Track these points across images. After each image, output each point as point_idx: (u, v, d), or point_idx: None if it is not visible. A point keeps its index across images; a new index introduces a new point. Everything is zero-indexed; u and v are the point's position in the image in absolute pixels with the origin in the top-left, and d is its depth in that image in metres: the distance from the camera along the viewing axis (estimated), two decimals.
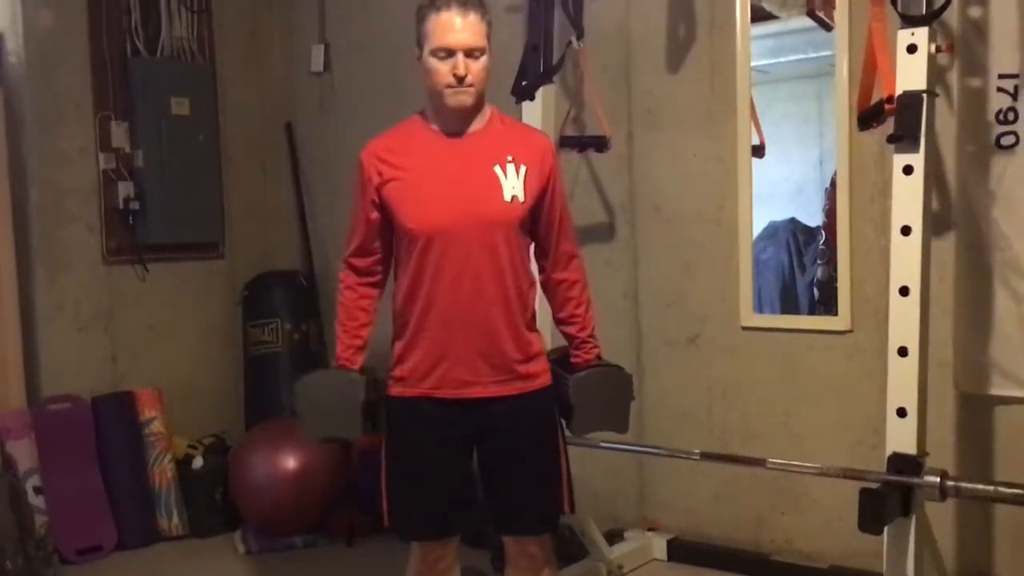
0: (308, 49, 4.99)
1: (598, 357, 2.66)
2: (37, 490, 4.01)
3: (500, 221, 2.42)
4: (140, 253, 4.59)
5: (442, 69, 2.38)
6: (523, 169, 2.45)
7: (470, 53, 2.37)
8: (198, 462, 4.47)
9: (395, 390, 2.52)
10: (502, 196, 2.42)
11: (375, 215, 2.50)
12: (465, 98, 2.40)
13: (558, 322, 2.66)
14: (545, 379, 2.54)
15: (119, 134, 4.50)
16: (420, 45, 2.42)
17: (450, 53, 2.36)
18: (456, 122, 2.46)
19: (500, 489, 2.54)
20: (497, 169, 2.43)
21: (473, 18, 2.37)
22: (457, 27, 2.36)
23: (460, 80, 2.37)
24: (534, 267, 2.60)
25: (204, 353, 4.86)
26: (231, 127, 4.96)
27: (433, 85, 2.41)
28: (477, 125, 2.48)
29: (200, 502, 4.41)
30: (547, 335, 2.76)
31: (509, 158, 2.44)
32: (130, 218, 4.52)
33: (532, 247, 2.58)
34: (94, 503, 4.22)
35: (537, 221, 2.53)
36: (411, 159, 2.46)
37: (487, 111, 2.51)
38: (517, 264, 2.46)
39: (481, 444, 2.52)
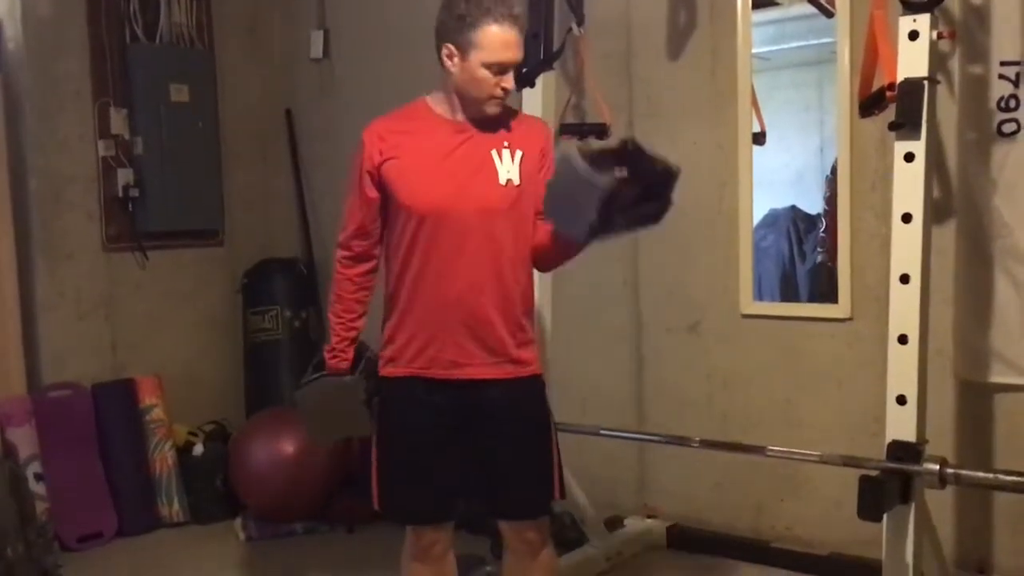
0: (307, 35, 4.97)
1: None
2: (38, 477, 4.02)
3: (495, 205, 2.44)
4: (140, 241, 4.59)
5: (492, 81, 2.41)
6: (519, 154, 2.47)
7: (514, 70, 2.46)
8: (198, 449, 4.48)
9: (386, 370, 2.53)
10: (497, 180, 2.44)
11: (374, 194, 2.50)
12: (499, 109, 2.47)
13: (552, 238, 2.48)
14: (537, 367, 2.55)
15: (118, 121, 4.50)
16: (461, 47, 2.40)
17: (504, 69, 2.41)
18: (477, 122, 2.48)
19: (494, 475, 2.54)
20: (494, 154, 2.46)
21: (519, 34, 2.43)
22: (513, 44, 2.40)
23: (507, 93, 2.44)
24: None
25: (204, 340, 4.86)
26: (230, 114, 4.95)
27: (477, 92, 2.42)
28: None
29: (200, 489, 4.42)
30: (548, 335, 2.75)
31: (505, 144, 2.47)
32: (130, 205, 4.52)
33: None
34: (95, 490, 4.22)
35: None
36: (412, 140, 2.48)
37: None
38: (513, 249, 2.47)
39: (474, 430, 2.52)
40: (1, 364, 4.17)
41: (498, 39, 2.37)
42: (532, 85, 3.44)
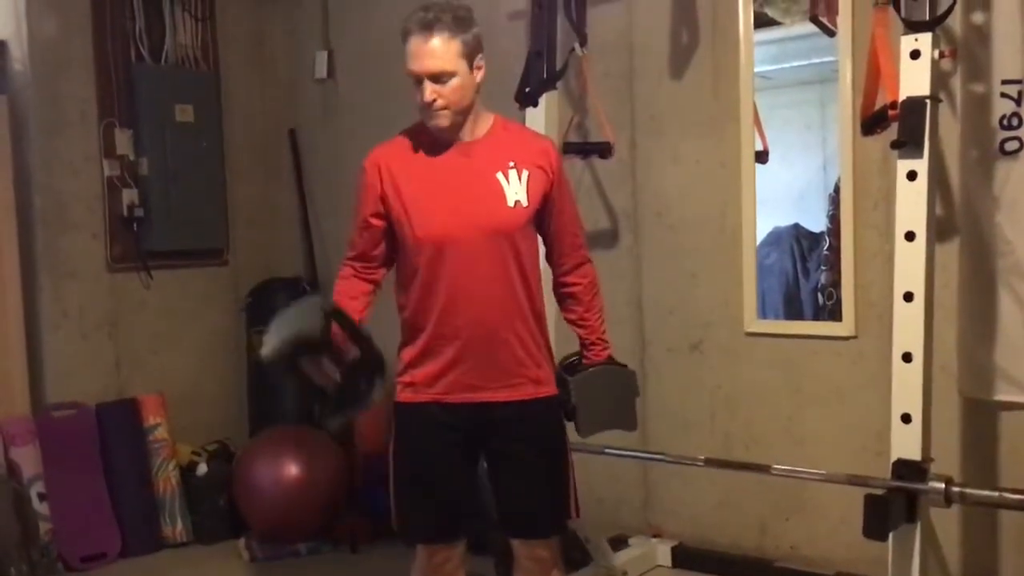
0: (312, 56, 5.00)
1: (609, 359, 2.68)
2: (41, 497, 4.02)
3: (505, 227, 2.43)
4: (144, 260, 4.59)
5: (416, 93, 2.39)
6: (525, 174, 2.45)
7: (436, 78, 2.36)
8: (202, 469, 4.47)
9: (404, 396, 2.53)
10: (505, 202, 2.43)
11: (378, 222, 2.50)
12: (440, 120, 2.41)
13: (568, 323, 2.69)
14: (554, 385, 2.56)
15: (123, 141, 4.51)
16: None
17: (419, 79, 2.37)
18: (445, 136, 2.46)
19: (508, 492, 2.55)
20: (500, 176, 2.44)
21: (437, 41, 2.34)
22: (420, 53, 2.36)
23: (428, 105, 2.38)
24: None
25: (208, 360, 4.86)
26: (235, 134, 4.97)
27: (417, 106, 2.42)
28: (479, 133, 2.48)
29: (204, 509, 4.41)
30: (551, 336, 2.75)
31: (511, 164, 2.45)
32: (134, 225, 4.53)
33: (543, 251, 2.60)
34: (98, 510, 4.21)
35: (545, 224, 2.54)
36: (415, 167, 2.47)
37: (489, 119, 2.51)
38: (526, 269, 2.47)
39: (489, 448, 2.53)
40: (5, 383, 4.18)
41: (411, 49, 2.37)
42: (535, 104, 3.46)
